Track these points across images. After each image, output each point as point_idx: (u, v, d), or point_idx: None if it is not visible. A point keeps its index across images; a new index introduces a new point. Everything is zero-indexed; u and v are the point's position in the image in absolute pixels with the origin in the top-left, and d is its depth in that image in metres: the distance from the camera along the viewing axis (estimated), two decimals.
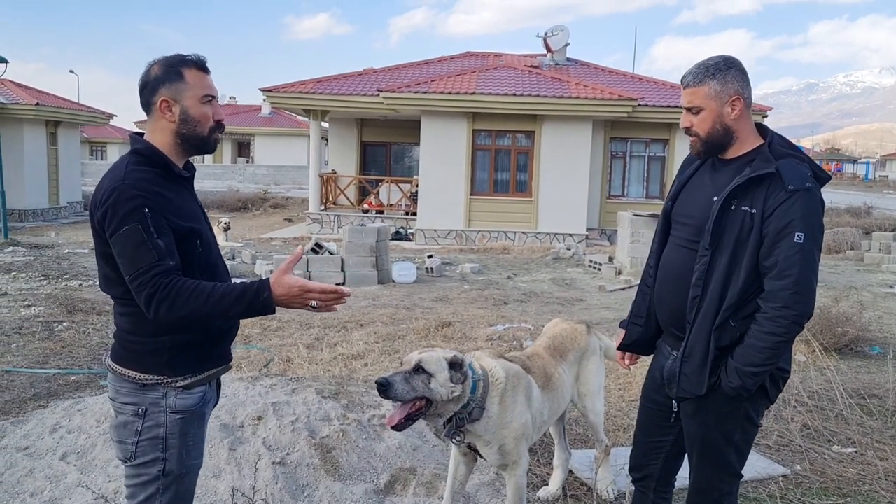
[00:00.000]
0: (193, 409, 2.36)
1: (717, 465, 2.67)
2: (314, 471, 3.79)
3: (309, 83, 20.08)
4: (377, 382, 2.79)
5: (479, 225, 18.70)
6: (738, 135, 2.54)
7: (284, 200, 30.03)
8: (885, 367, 6.53)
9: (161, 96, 2.30)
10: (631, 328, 2.91)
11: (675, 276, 2.65)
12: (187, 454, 2.37)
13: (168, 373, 2.31)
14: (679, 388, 2.63)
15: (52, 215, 23.70)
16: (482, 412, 3.09)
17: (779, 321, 2.39)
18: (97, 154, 57.90)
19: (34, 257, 13.33)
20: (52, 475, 3.87)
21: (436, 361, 2.93)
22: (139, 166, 2.26)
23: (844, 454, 4.61)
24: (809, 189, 2.39)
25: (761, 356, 2.43)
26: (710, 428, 2.62)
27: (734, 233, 2.46)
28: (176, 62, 2.32)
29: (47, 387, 5.69)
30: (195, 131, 2.34)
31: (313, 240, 12.59)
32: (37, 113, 22.08)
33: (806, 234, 2.36)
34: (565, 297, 10.95)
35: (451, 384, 2.92)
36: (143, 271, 2.13)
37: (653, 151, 20.27)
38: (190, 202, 2.39)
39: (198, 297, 2.13)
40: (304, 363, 6.44)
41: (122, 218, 2.15)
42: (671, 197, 2.76)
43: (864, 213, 25.38)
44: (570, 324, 3.98)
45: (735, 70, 2.51)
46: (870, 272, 14.21)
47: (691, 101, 2.54)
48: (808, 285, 2.39)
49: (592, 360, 3.86)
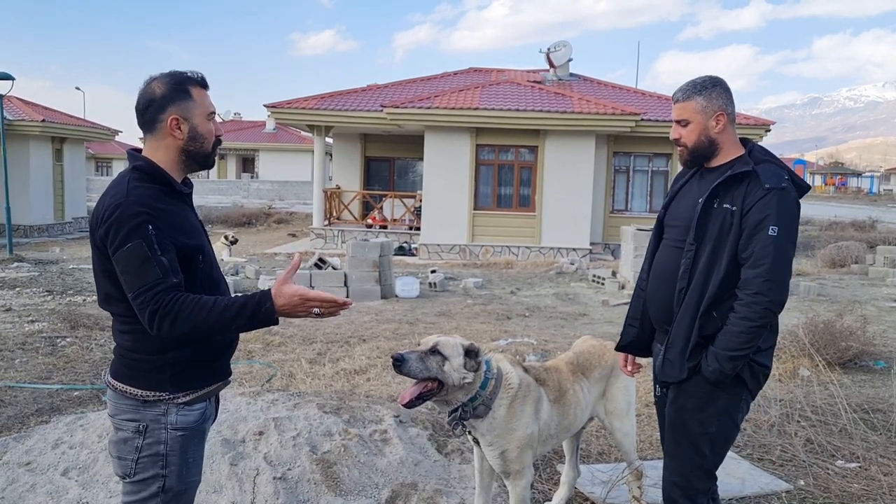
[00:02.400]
0: (194, 426, 2.36)
1: (690, 453, 2.78)
2: (315, 486, 3.79)
3: (313, 99, 20.18)
4: (393, 357, 2.88)
5: (483, 240, 18.72)
6: (722, 146, 2.78)
7: (288, 216, 30.09)
8: (889, 381, 6.50)
9: (171, 114, 2.30)
10: (627, 329, 3.11)
11: (665, 273, 2.85)
12: (187, 471, 2.37)
13: (171, 389, 2.30)
14: (662, 373, 2.82)
15: (56, 231, 23.79)
16: (487, 411, 3.13)
17: (752, 307, 2.59)
18: (102, 170, 58.16)
19: (38, 273, 13.36)
20: (53, 490, 3.87)
21: (452, 346, 3.01)
22: (142, 182, 2.26)
23: (848, 469, 4.59)
24: (784, 188, 2.61)
25: (737, 340, 2.61)
26: (686, 413, 2.77)
27: (716, 228, 2.67)
28: (182, 80, 2.33)
29: (50, 402, 5.70)
30: (201, 148, 2.37)
31: (317, 255, 12.61)
32: (43, 129, 22.20)
33: (780, 227, 2.57)
34: (568, 312, 10.94)
35: (464, 370, 3.00)
36: (146, 288, 2.13)
37: (656, 166, 20.29)
38: (191, 218, 2.40)
39: (200, 311, 2.13)
40: (306, 378, 6.44)
41: (125, 235, 2.14)
42: (664, 206, 3.00)
43: (869, 227, 25.35)
44: (599, 341, 3.96)
45: (720, 88, 2.76)
46: (874, 286, 14.16)
47: (680, 114, 2.78)
48: (780, 274, 2.58)
49: (621, 379, 3.81)
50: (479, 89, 19.78)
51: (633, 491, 3.88)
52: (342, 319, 9.63)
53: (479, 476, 3.54)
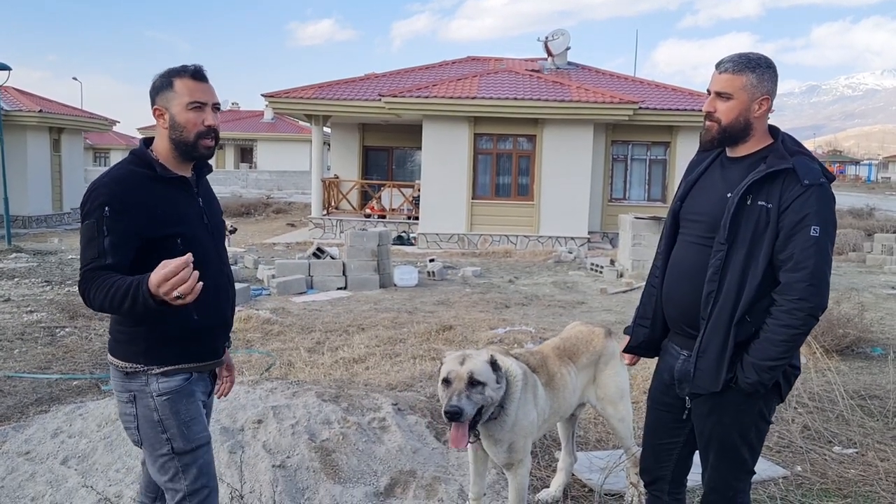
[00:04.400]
0: (178, 388, 2.45)
1: (732, 464, 2.66)
2: (314, 474, 3.80)
3: (311, 88, 20.12)
4: (447, 413, 2.86)
5: (481, 229, 18.71)
6: (755, 133, 2.56)
7: (287, 205, 30.07)
8: (886, 368, 6.52)
9: (155, 105, 2.45)
10: (637, 330, 2.89)
11: (688, 273, 2.64)
12: (188, 430, 2.46)
13: (144, 361, 2.42)
14: (693, 384, 2.60)
15: (55, 221, 23.76)
16: (501, 411, 3.13)
17: (795, 313, 2.41)
18: (100, 160, 58.01)
19: (37, 263, 13.36)
20: (52, 479, 3.88)
21: (485, 370, 3.00)
22: (129, 165, 2.41)
23: (845, 455, 4.61)
24: (823, 184, 2.42)
25: (777, 350, 2.43)
26: (726, 427, 2.61)
27: (751, 227, 2.47)
28: (172, 73, 2.45)
29: (49, 392, 5.71)
30: (181, 137, 2.43)
31: (315, 244, 12.61)
32: (40, 120, 22.15)
33: (821, 227, 2.39)
34: (567, 301, 10.96)
35: (498, 386, 3.02)
36: (84, 263, 2.31)
37: (654, 154, 20.27)
38: (179, 203, 2.45)
39: (101, 291, 2.24)
40: (305, 367, 6.45)
41: (86, 213, 2.33)
42: (679, 197, 2.75)
43: (867, 214, 25.36)
44: (588, 327, 3.93)
45: (772, 71, 2.54)
46: (872, 274, 14.18)
47: (724, 86, 2.53)
48: (823, 277, 2.42)
49: (611, 365, 3.79)
50: (477, 78, 19.72)
51: (631, 477, 3.89)
52: (341, 309, 9.65)
53: (473, 465, 3.53)
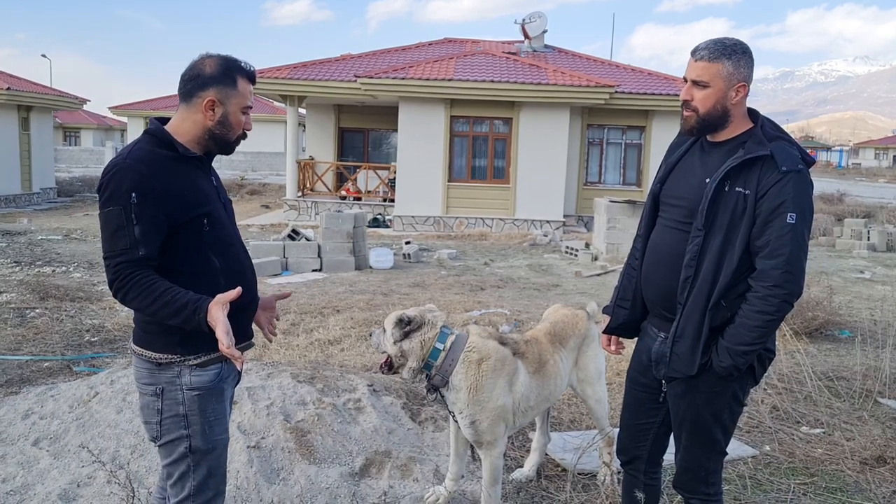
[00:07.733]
0: (210, 386, 2.41)
1: (705, 444, 2.70)
2: (289, 454, 3.80)
3: (286, 69, 19.91)
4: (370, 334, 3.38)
5: (457, 211, 18.71)
6: (733, 119, 2.56)
7: (261, 187, 29.80)
8: (853, 350, 6.65)
9: (210, 95, 2.35)
10: (617, 311, 2.90)
11: (666, 257, 2.65)
12: (210, 430, 2.42)
13: (181, 351, 2.35)
14: (669, 368, 2.63)
15: (24, 202, 23.34)
16: (444, 382, 3.25)
17: (769, 300, 2.42)
18: (71, 140, 57.09)
19: (6, 244, 13.15)
20: (24, 461, 3.85)
21: (389, 320, 3.28)
22: (149, 146, 2.31)
23: (812, 435, 4.71)
24: (801, 171, 2.43)
25: (752, 335, 2.46)
26: (699, 408, 2.64)
27: (728, 213, 2.48)
28: (233, 67, 2.38)
29: (19, 373, 5.64)
30: (227, 134, 2.42)
31: (290, 226, 12.53)
32: (8, 97, 21.66)
33: (797, 214, 2.40)
34: (542, 283, 11.01)
35: (394, 341, 3.23)
36: (113, 255, 2.22)
37: (630, 138, 20.37)
38: (200, 182, 2.41)
39: (146, 297, 2.20)
40: (279, 348, 6.44)
41: (108, 196, 2.21)
42: (659, 180, 2.76)
43: (837, 200, 25.69)
44: (571, 310, 3.97)
45: (748, 57, 2.52)
46: (841, 258, 14.41)
47: (700, 74, 2.52)
48: (798, 265, 2.43)
49: (592, 347, 3.86)
50: (453, 60, 19.63)
51: (604, 457, 3.94)
52: (316, 290, 9.61)
53: (453, 443, 3.59)
